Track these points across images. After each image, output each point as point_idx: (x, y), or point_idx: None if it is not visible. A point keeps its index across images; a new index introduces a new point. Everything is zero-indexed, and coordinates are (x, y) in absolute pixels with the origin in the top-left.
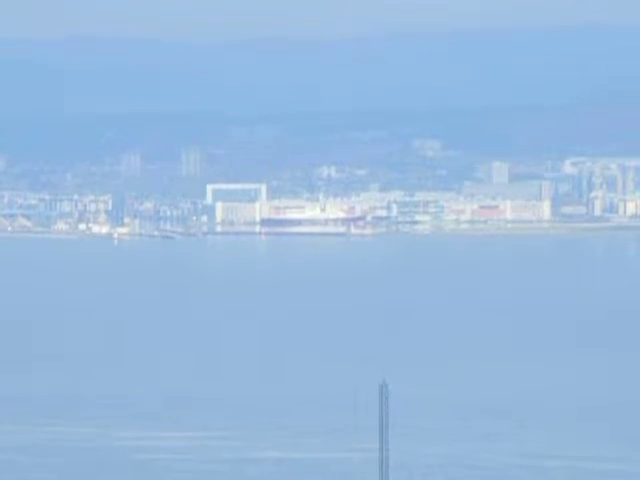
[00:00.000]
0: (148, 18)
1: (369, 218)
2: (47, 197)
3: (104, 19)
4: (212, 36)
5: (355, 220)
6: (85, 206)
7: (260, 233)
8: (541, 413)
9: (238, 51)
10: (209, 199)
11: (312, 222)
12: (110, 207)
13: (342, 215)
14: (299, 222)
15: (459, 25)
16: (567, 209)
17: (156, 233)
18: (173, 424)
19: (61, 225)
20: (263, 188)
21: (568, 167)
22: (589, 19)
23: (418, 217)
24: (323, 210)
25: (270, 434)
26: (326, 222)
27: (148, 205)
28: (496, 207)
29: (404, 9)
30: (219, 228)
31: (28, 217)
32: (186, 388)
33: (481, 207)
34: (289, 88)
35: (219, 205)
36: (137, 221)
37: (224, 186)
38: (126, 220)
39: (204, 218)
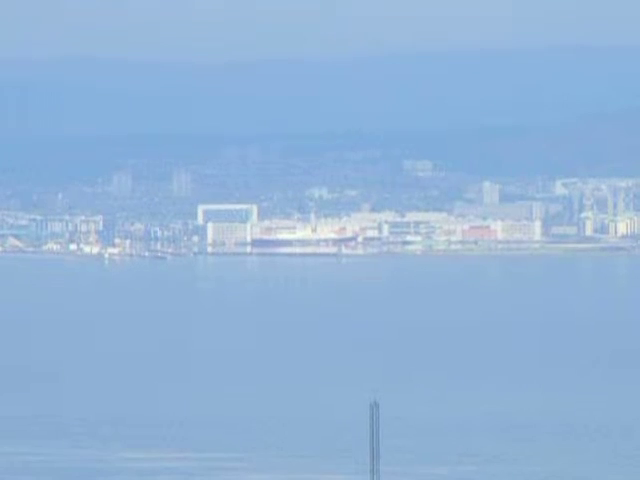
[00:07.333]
0: (144, 39)
1: (360, 239)
2: (38, 217)
3: (100, 40)
4: (206, 58)
5: (346, 240)
6: (76, 226)
7: (251, 253)
8: (540, 433)
9: (231, 72)
10: (200, 220)
11: (303, 243)
12: (101, 227)
13: (333, 236)
14: (290, 243)
15: (452, 47)
16: (558, 229)
17: (147, 253)
18: (171, 445)
19: (52, 245)
20: (254, 209)
21: (559, 188)
22: (580, 41)
23: (409, 237)
24: (314, 231)
25: (269, 455)
26: (317, 243)
27: (139, 225)
28: (487, 227)
29: (399, 31)
30: (210, 249)
31: (19, 237)
32: (181, 409)
33: (472, 227)
34: (280, 109)
35: (210, 226)
36: (128, 241)
37: (215, 207)
38: (117, 240)
39: (195, 238)
